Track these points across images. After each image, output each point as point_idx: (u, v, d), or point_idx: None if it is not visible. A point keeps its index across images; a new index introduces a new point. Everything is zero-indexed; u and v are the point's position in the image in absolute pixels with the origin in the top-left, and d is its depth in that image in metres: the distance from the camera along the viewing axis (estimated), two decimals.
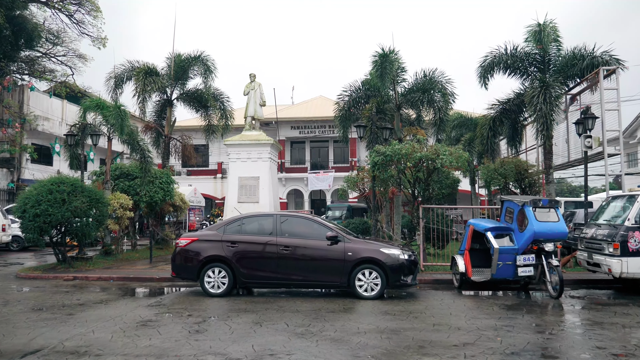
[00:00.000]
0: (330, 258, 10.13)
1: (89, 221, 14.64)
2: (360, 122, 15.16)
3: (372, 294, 9.94)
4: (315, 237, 10.35)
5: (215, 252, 10.40)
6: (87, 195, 14.72)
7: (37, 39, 34.80)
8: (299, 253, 10.24)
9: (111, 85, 21.79)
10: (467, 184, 28.69)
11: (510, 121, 16.60)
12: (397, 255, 10.13)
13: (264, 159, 17.95)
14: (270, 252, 10.30)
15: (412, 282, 10.28)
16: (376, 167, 13.75)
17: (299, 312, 8.68)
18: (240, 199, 17.81)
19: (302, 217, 11.24)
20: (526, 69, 16.19)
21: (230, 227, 10.74)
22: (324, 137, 41.64)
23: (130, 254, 18.11)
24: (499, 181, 17.48)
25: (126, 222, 17.45)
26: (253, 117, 18.80)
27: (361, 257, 10.03)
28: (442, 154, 13.08)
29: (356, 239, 10.46)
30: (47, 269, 14.64)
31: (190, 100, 22.60)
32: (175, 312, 8.70)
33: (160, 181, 18.79)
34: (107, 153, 17.77)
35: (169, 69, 22.17)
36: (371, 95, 17.42)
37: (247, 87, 18.92)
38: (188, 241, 10.69)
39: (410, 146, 13.30)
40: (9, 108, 30.63)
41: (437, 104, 16.49)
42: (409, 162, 13.12)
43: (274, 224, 10.56)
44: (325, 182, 38.56)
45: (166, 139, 22.00)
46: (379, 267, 9.99)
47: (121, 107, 16.89)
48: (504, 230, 10.96)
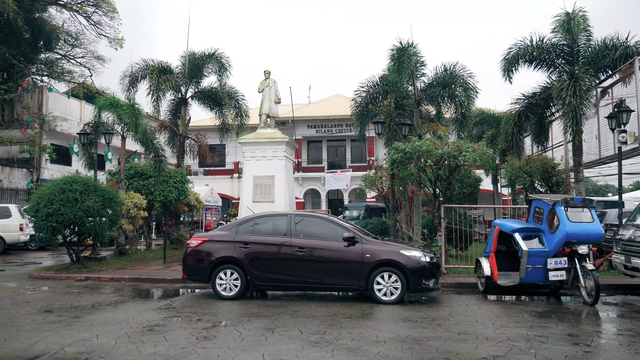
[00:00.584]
0: (347, 260, 9.61)
1: (102, 221, 14.36)
2: (378, 119, 14.62)
3: (391, 298, 9.39)
4: (331, 238, 9.85)
5: (227, 254, 9.96)
6: (100, 195, 14.45)
7: (56, 40, 35.06)
8: (315, 255, 9.74)
9: (125, 84, 21.61)
10: (488, 183, 27.91)
11: (536, 116, 15.87)
12: (418, 257, 9.57)
13: (279, 157, 17.49)
14: (285, 254, 9.82)
15: (435, 286, 9.71)
16: (395, 165, 13.19)
17: (314, 317, 8.18)
18: (255, 198, 17.36)
19: (318, 217, 10.74)
20: (553, 61, 15.46)
21: (242, 227, 10.30)
22: (341, 135, 41.10)
23: (144, 254, 17.82)
24: (524, 180, 16.77)
25: (140, 221, 17.15)
26: (268, 114, 18.34)
27: (380, 259, 9.50)
28: (465, 151, 12.46)
29: (374, 240, 9.93)
30: (60, 269, 14.39)
31: (204, 99, 22.29)
32: (185, 316, 8.27)
33: (175, 180, 18.47)
34: (121, 152, 17.50)
35: (184, 67, 21.89)
36: (389, 91, 16.83)
37: (261, 84, 18.48)
38: (199, 242, 10.26)
39: (431, 143, 12.72)
40: (28, 109, 30.73)
41: (458, 98, 15.83)
42: (429, 159, 12.53)
43: (288, 224, 10.08)
44: (343, 181, 37.94)
45: (181, 138, 21.70)
46: (398, 270, 9.44)
47: (135, 105, 16.60)
48: (533, 231, 10.31)
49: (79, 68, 37.30)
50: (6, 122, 32.20)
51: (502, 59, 15.90)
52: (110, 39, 36.60)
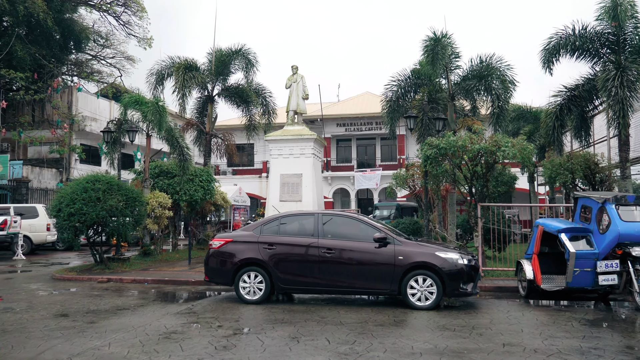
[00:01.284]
0: (379, 262, 8.98)
1: (125, 220, 14.06)
2: (411, 113, 13.89)
3: (426, 303, 8.72)
4: (361, 238, 9.23)
5: (251, 255, 9.44)
6: (123, 194, 14.17)
7: (86, 41, 35.31)
8: (343, 256, 9.14)
9: (152, 82, 21.39)
10: (523, 181, 26.78)
11: (578, 110, 14.87)
12: (455, 259, 8.86)
13: (307, 155, 16.91)
14: (312, 255, 9.24)
15: (473, 291, 8.99)
16: (428, 161, 12.47)
17: (343, 324, 7.57)
18: (282, 197, 16.84)
19: (347, 216, 10.12)
20: (597, 51, 14.46)
21: (267, 228, 9.76)
22: (370, 134, 40.34)
23: (170, 255, 17.52)
24: (566, 177, 15.80)
25: (165, 221, 16.84)
26: (295, 111, 17.80)
27: (414, 261, 8.83)
28: (504, 146, 11.66)
29: (407, 241, 9.26)
30: (83, 270, 14.15)
31: (231, 96, 21.91)
32: (205, 322, 7.77)
33: (200, 179, 18.11)
34: (147, 150, 17.23)
35: (210, 64, 21.56)
36: (422, 84, 16.06)
37: (289, 79, 17.95)
38: (222, 242, 9.77)
39: (467, 138, 11.95)
40: (58, 109, 30.99)
41: (495, 91, 14.97)
42: (465, 155, 11.77)
43: (315, 223, 9.50)
44: (373, 180, 37.28)
45: (207, 136, 21.37)
46: (434, 274, 8.76)
47: (159, 102, 16.29)
48: (580, 231, 9.47)
49: (108, 68, 37.64)
50: (37, 122, 32.54)
51: (542, 49, 14.97)
52: (139, 38, 36.80)
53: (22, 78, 27.56)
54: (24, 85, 28.90)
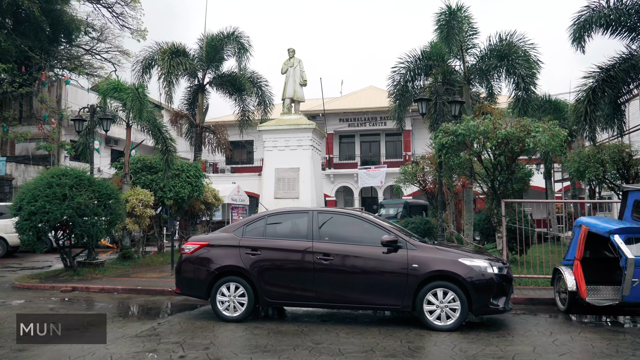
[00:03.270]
0: (388, 271, 7.22)
1: (97, 220, 12.33)
2: (423, 96, 12.10)
3: (447, 323, 6.95)
4: (366, 241, 7.47)
5: (231, 262, 7.69)
6: (96, 190, 12.47)
7: (76, 32, 33.83)
8: (344, 264, 7.38)
9: (138, 71, 19.68)
10: (538, 178, 24.90)
11: (614, 92, 13.01)
12: (483, 268, 7.10)
13: (305, 146, 15.14)
14: (305, 262, 7.48)
15: (506, 307, 7.21)
16: (444, 150, 10.70)
17: (343, 355, 5.82)
18: (278, 194, 15.11)
19: (349, 214, 8.29)
20: (635, 25, 12.65)
21: (251, 228, 7.99)
22: (375, 129, 38.52)
23: (154, 258, 15.79)
24: (597, 170, 14.03)
25: (147, 221, 15.09)
26: (292, 98, 16.03)
27: (432, 270, 7.07)
28: (534, 131, 9.87)
29: (423, 245, 7.47)
30: (48, 276, 12.44)
31: (223, 85, 20.15)
32: (164, 351, 6.02)
33: (187, 175, 16.34)
34: (126, 142, 15.51)
35: (201, 51, 19.82)
36: (433, 66, 14.27)
37: (285, 64, 16.19)
38: (196, 246, 8.02)
39: (489, 122, 10.17)
40: (45, 103, 29.33)
41: (519, 71, 13.16)
42: (488, 142, 9.99)
43: (310, 223, 7.73)
44: (377, 178, 35.44)
45: (198, 128, 19.63)
46: (457, 286, 6.99)
47: (140, 88, 14.55)
48: (638, 232, 7.68)
49: (100, 62, 36.11)
50: (25, 117, 30.98)
51: (572, 25, 13.19)
52: (133, 30, 35.33)
53: (5, 70, 25.95)
54: (8, 78, 27.27)
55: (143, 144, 18.70)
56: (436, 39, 13.61)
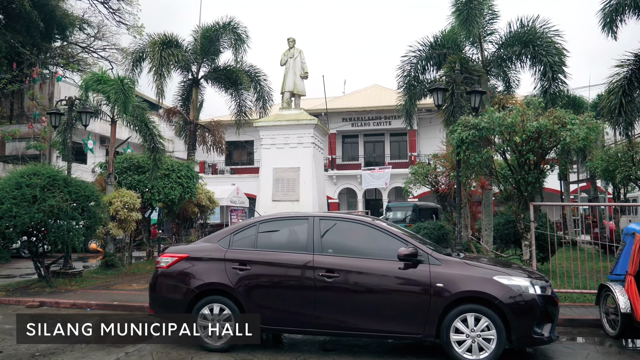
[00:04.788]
0: (406, 291, 5.90)
1: (72, 225, 11.03)
2: (439, 85, 10.75)
3: (480, 357, 5.60)
4: (377, 254, 6.15)
5: (215, 279, 6.37)
6: (72, 192, 11.20)
7: (70, 27, 32.75)
8: (352, 282, 6.05)
9: (128, 65, 18.41)
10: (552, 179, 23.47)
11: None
12: (523, 287, 5.76)
13: (306, 144, 13.81)
14: (304, 280, 6.15)
15: (552, 337, 5.85)
16: (463, 147, 9.35)
17: None
18: (276, 196, 13.77)
19: (356, 220, 6.88)
20: None
21: (239, 238, 6.65)
22: (379, 129, 37.16)
23: (140, 266, 14.45)
24: (629, 170, 12.68)
25: (133, 225, 13.78)
26: (292, 92, 14.70)
27: (460, 290, 5.73)
28: (570, 123, 8.52)
29: (449, 259, 6.11)
30: (18, 287, 11.18)
31: (219, 79, 18.85)
32: None
33: (178, 175, 15.02)
34: (111, 140, 14.22)
35: (195, 44, 18.51)
36: (448, 54, 12.94)
37: (284, 55, 14.86)
38: (173, 259, 6.68)
39: (518, 113, 8.82)
40: (35, 100, 28.07)
41: (546, 58, 11.80)
42: (517, 137, 8.64)
43: (310, 232, 6.39)
44: (382, 179, 34.16)
45: (191, 125, 18.32)
46: (492, 310, 5.65)
47: (125, 80, 13.26)
48: None
49: (97, 59, 35.00)
50: (15, 116, 29.82)
51: (601, 10, 11.87)
52: (129, 26, 34.21)
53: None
54: None
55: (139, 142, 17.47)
56: (449, 26, 12.27)
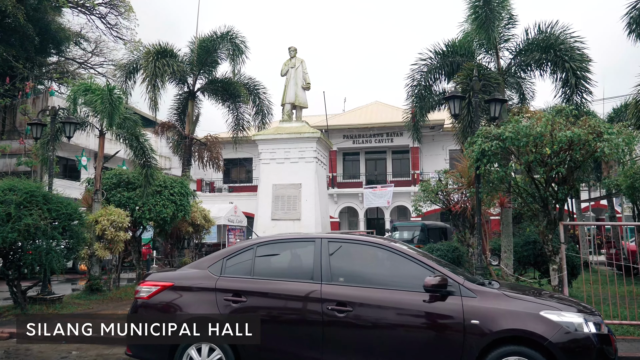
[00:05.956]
0: (433, 330, 4.89)
1: (51, 246, 10.01)
2: (456, 92, 9.82)
3: None
4: (397, 283, 5.16)
5: (204, 312, 5.34)
6: (53, 210, 10.20)
7: (66, 42, 32.22)
8: (368, 318, 5.03)
9: (120, 77, 17.57)
10: None
11: None
12: (576, 325, 4.76)
13: (308, 159, 12.86)
14: (310, 315, 5.14)
15: None
16: (484, 159, 8.39)
17: None
18: (275, 215, 12.76)
19: (370, 243, 5.81)
20: None
21: (233, 263, 5.64)
22: (381, 147, 36.29)
23: (128, 290, 13.33)
24: None
25: (121, 246, 12.75)
26: (293, 103, 13.80)
27: (501, 329, 4.71)
28: (607, 133, 7.58)
29: (484, 290, 5.09)
30: None
31: (216, 91, 17.98)
32: None
33: (171, 192, 14.02)
34: (99, 153, 13.26)
35: (192, 54, 17.69)
36: (461, 62, 12.06)
37: (285, 64, 14.00)
38: (156, 288, 5.66)
39: (547, 121, 7.88)
40: (27, 115, 27.22)
41: (569, 64, 10.91)
42: (546, 147, 7.70)
43: (317, 256, 5.39)
44: (384, 198, 33.17)
45: (187, 140, 17.39)
46: (539, 353, 4.62)
47: (113, 89, 12.36)
48: None
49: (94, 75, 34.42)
50: (7, 131, 29.02)
51: (626, 14, 11.09)
52: (126, 41, 33.69)
53: None
54: None
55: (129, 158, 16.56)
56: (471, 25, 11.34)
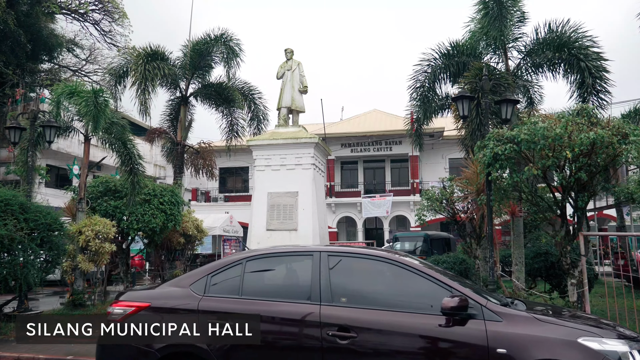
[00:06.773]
0: (451, 358, 4.14)
1: (28, 259, 9.26)
2: (464, 92, 9.17)
3: None
4: (409, 304, 4.43)
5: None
6: (31, 219, 9.47)
7: (58, 48, 31.70)
8: (375, 345, 4.30)
9: (109, 81, 16.91)
10: None
11: None
12: (621, 354, 4.05)
13: (305, 165, 12.17)
14: (308, 341, 4.40)
15: None
16: (497, 164, 7.71)
17: None
18: (270, 225, 12.02)
19: (377, 257, 4.99)
20: None
21: (219, 280, 4.90)
22: (380, 155, 35.64)
23: None
24: None
25: (107, 258, 11.99)
26: (289, 107, 13.12)
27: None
28: (633, 135, 6.91)
29: (511, 312, 4.36)
30: None
31: (210, 96, 17.33)
32: None
33: (161, 201, 13.30)
34: (84, 161, 12.55)
35: (185, 58, 17.04)
36: (467, 62, 11.43)
37: (281, 67, 13.34)
38: (131, 309, 4.93)
39: (567, 122, 7.21)
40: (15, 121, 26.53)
41: (584, 63, 10.28)
42: (567, 150, 7.02)
43: (315, 273, 4.66)
44: (382, 207, 32.55)
45: (179, 147, 16.68)
46: None
47: (99, 92, 11.67)
48: None
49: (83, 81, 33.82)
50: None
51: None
52: (120, 47, 33.17)
53: None
54: None
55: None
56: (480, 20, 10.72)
